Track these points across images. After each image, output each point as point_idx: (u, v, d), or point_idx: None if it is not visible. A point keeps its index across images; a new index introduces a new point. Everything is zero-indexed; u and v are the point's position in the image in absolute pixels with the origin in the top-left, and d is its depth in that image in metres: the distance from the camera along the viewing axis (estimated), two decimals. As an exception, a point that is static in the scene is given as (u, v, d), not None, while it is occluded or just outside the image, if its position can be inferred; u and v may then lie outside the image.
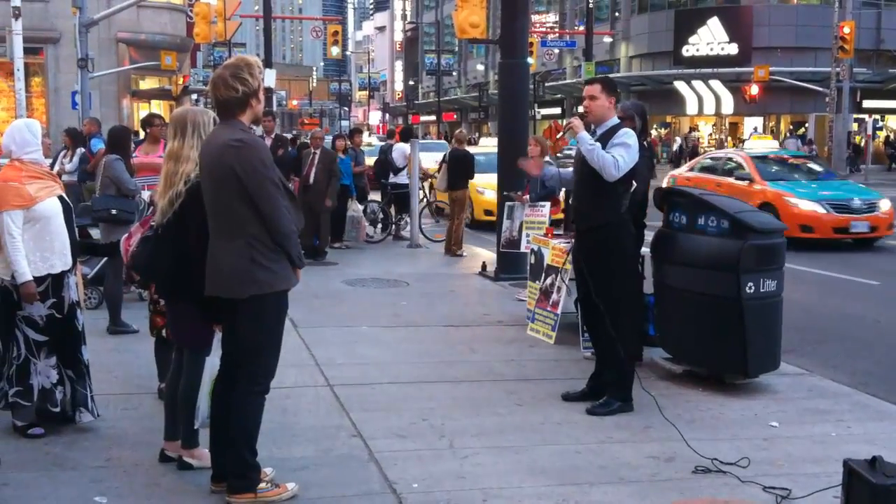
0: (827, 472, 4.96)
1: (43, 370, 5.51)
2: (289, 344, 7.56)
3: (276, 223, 4.34)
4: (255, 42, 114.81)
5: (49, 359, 5.52)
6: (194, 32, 26.96)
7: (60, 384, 5.56)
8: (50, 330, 5.49)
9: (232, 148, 4.32)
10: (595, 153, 5.93)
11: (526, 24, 12.42)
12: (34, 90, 29.57)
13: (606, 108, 6.20)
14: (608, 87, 6.24)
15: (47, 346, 5.51)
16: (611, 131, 6.12)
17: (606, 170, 5.91)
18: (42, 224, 5.40)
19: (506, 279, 11.40)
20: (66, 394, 5.58)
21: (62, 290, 5.52)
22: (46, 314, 5.46)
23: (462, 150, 14.55)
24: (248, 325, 4.43)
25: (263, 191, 4.31)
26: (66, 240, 5.55)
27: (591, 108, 6.20)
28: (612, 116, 6.24)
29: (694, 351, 6.88)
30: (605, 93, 6.18)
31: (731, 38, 42.70)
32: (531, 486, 4.86)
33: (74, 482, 4.79)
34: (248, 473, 4.50)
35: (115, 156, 8.11)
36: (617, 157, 5.91)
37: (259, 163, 4.32)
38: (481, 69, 68.34)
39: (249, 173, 4.29)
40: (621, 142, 6.01)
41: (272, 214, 4.33)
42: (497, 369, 7.26)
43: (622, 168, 5.93)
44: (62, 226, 5.53)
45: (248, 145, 4.34)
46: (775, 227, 6.80)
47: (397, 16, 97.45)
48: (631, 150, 6.00)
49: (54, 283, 5.48)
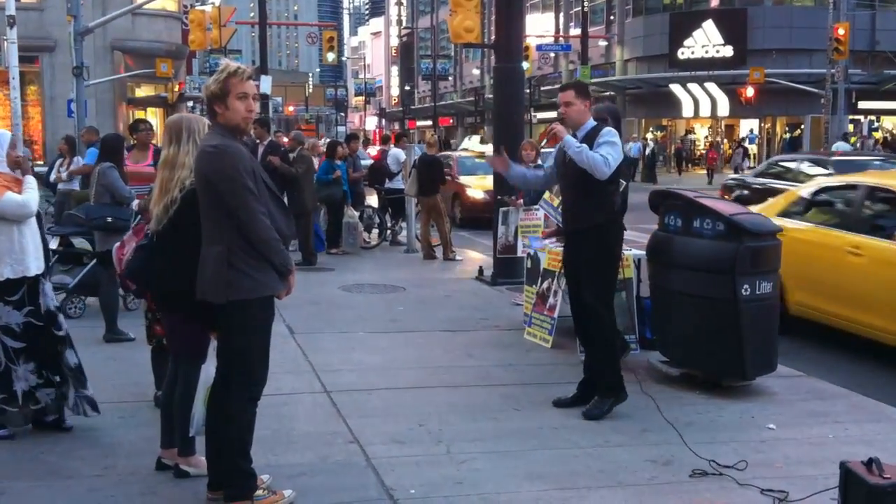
0: (824, 473, 4.95)
1: (23, 375, 5.59)
2: (285, 350, 7.62)
3: (254, 230, 4.30)
4: (251, 48, 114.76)
5: (28, 364, 5.59)
6: (189, 39, 26.97)
7: (46, 386, 5.61)
8: (27, 337, 5.54)
9: (206, 154, 4.32)
10: (584, 154, 5.97)
11: (521, 28, 12.44)
12: (30, 98, 29.54)
13: (582, 112, 6.28)
14: (581, 92, 6.34)
15: (25, 352, 5.57)
16: (592, 132, 6.17)
17: (598, 168, 5.93)
18: (16, 227, 5.43)
19: (502, 283, 11.40)
20: (54, 396, 5.62)
21: (38, 298, 5.55)
22: (23, 321, 5.51)
23: (431, 154, 14.39)
24: (230, 332, 4.43)
25: (237, 198, 4.27)
26: (40, 243, 5.60)
27: (568, 113, 6.27)
28: (589, 119, 6.31)
29: (691, 354, 6.87)
30: (580, 98, 6.27)
31: (726, 40, 42.74)
32: (529, 490, 4.86)
33: (71, 491, 4.79)
34: (244, 481, 4.49)
35: (109, 164, 8.10)
36: (605, 156, 5.95)
37: (231, 169, 4.26)
38: (477, 74, 68.33)
39: (223, 181, 4.26)
40: (606, 140, 6.07)
41: (248, 221, 4.29)
42: (494, 374, 7.26)
43: (612, 165, 5.97)
44: (36, 229, 5.59)
45: (220, 152, 4.29)
46: (770, 229, 6.81)
47: (392, 21, 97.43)
48: (617, 148, 6.07)
49: (30, 290, 5.51)
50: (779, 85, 37.12)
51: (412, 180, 14.33)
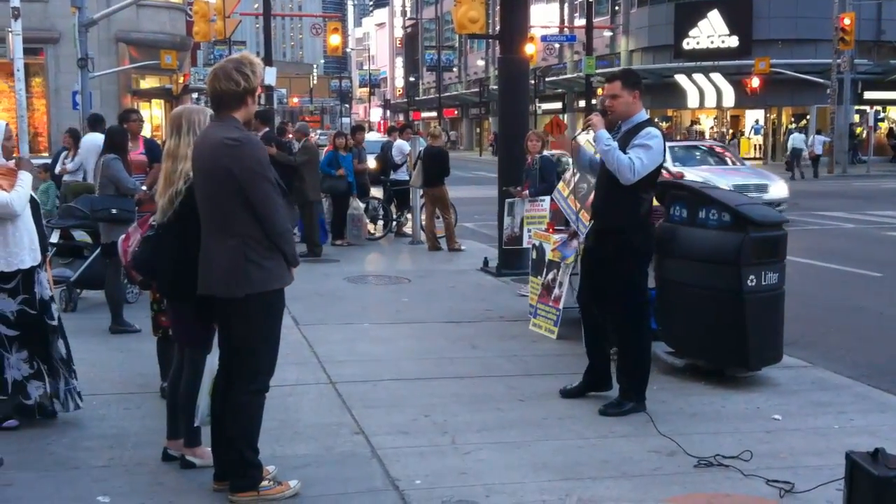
0: (829, 464, 4.94)
1: (15, 363, 5.59)
2: (291, 341, 7.62)
3: (273, 222, 4.33)
4: (255, 40, 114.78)
5: (20, 353, 5.59)
6: (194, 31, 26.92)
7: (37, 378, 5.61)
8: (21, 325, 5.55)
9: (227, 147, 4.30)
10: (611, 154, 5.71)
11: (525, 18, 12.40)
12: (34, 90, 29.53)
13: (630, 104, 5.92)
14: (629, 82, 5.95)
15: (18, 340, 5.57)
16: (635, 129, 5.86)
17: (622, 173, 5.69)
18: (11, 220, 5.42)
19: (507, 275, 11.40)
20: (47, 388, 5.63)
21: (33, 287, 5.56)
22: (17, 309, 5.52)
23: (437, 146, 14.41)
24: (245, 325, 4.42)
25: (260, 190, 4.30)
26: (34, 235, 5.59)
27: (614, 106, 5.94)
28: (639, 111, 5.97)
29: (696, 344, 6.87)
30: (627, 88, 5.91)
31: (731, 30, 42.62)
32: (534, 481, 4.86)
33: (77, 482, 4.80)
34: (250, 472, 4.50)
35: (113, 155, 8.10)
36: (634, 160, 5.66)
37: (255, 162, 4.31)
38: (482, 64, 68.27)
39: (246, 172, 4.28)
40: (642, 142, 5.74)
41: (269, 213, 4.32)
42: (499, 365, 7.26)
43: (639, 171, 5.67)
44: (31, 221, 5.57)
45: (244, 144, 4.32)
46: (776, 219, 6.80)
47: (397, 12, 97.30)
48: (652, 153, 5.73)
49: (25, 279, 5.51)
50: (784, 75, 37.01)
51: (417, 171, 14.36)
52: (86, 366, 6.75)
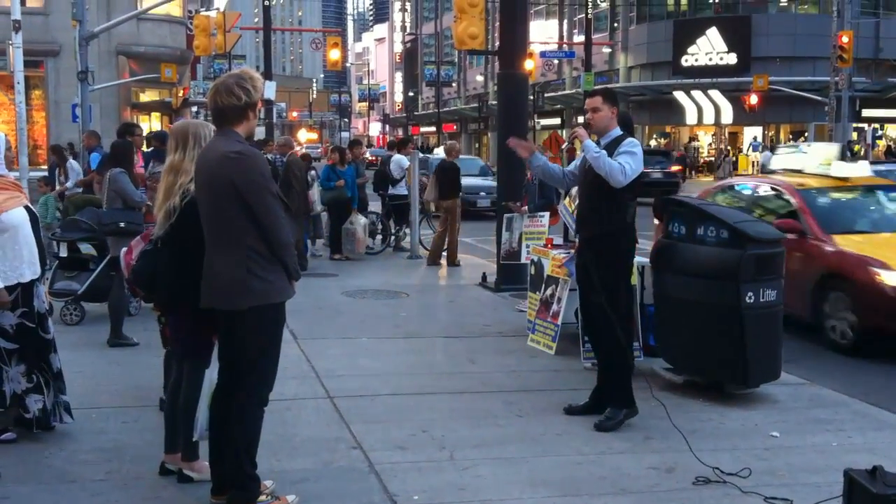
0: (828, 481, 4.94)
1: (14, 377, 5.58)
2: (289, 355, 7.60)
3: (275, 235, 4.35)
4: (255, 54, 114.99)
5: (19, 366, 5.58)
6: (194, 45, 27.00)
7: (36, 391, 5.60)
8: (20, 338, 5.54)
9: (230, 160, 4.33)
10: (602, 160, 5.97)
11: (524, 34, 12.44)
12: (34, 103, 29.61)
13: (609, 119, 6.26)
14: (609, 99, 6.31)
15: (17, 353, 5.57)
16: (615, 141, 6.16)
17: (613, 176, 5.93)
18: (10, 233, 5.42)
19: (506, 290, 11.39)
20: (46, 402, 5.61)
21: (33, 300, 5.57)
22: (17, 323, 5.52)
23: (450, 161, 14.81)
24: (246, 337, 4.43)
25: (263, 203, 4.32)
26: (34, 249, 5.59)
27: (594, 119, 6.25)
28: (615, 127, 6.28)
29: (694, 361, 6.87)
30: (607, 104, 6.25)
31: (729, 47, 42.80)
32: (531, 497, 4.85)
33: (75, 495, 4.79)
34: (248, 485, 4.49)
35: (120, 169, 8.14)
36: (624, 164, 5.95)
37: (258, 175, 4.34)
38: (481, 80, 68.45)
39: (249, 185, 4.30)
40: (627, 150, 6.06)
41: (272, 226, 4.34)
42: (497, 380, 7.25)
43: (629, 175, 5.96)
44: (30, 235, 5.57)
45: (247, 157, 4.35)
46: (774, 236, 6.81)
47: (397, 27, 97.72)
48: (636, 159, 6.04)
49: (24, 292, 5.52)
50: (782, 92, 37.14)
51: (431, 185, 14.68)
52: (84, 378, 6.75)
